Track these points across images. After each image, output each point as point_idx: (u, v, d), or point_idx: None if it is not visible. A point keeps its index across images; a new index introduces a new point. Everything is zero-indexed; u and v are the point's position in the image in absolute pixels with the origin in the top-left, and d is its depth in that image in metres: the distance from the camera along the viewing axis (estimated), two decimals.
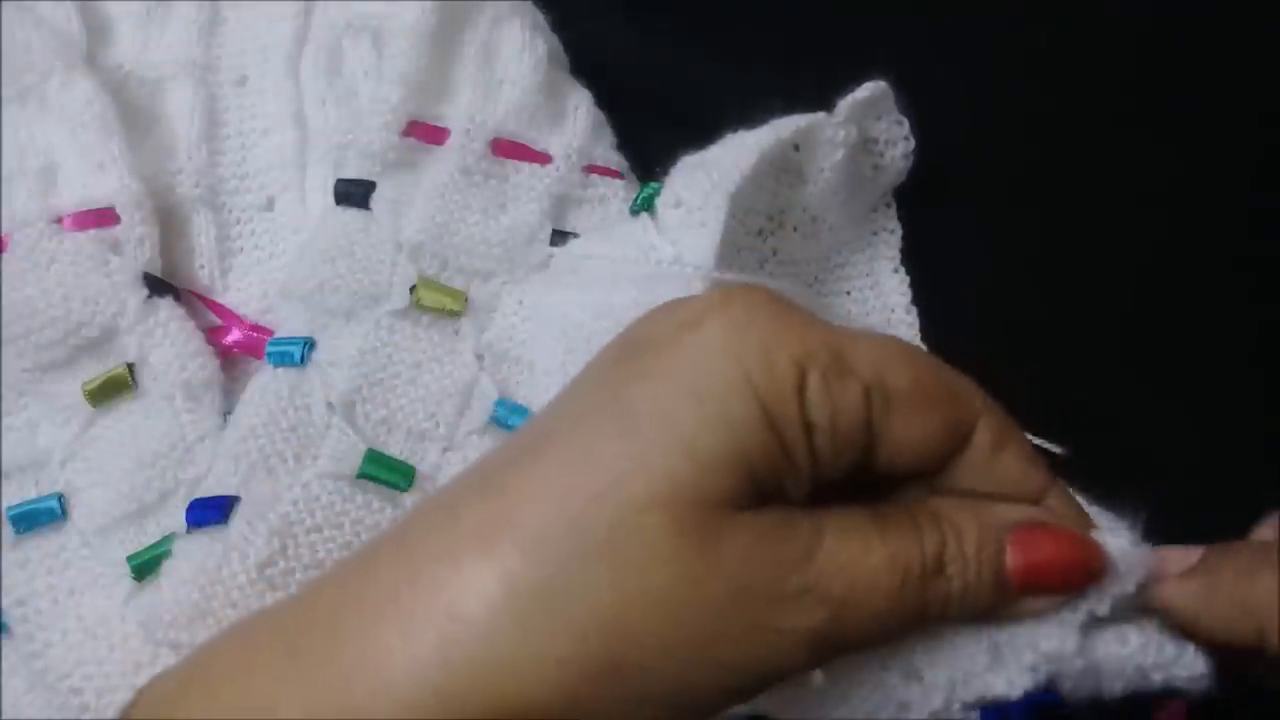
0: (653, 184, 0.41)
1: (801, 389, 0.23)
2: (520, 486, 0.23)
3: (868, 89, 0.41)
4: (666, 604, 0.22)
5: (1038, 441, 0.40)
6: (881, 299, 0.43)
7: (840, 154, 0.40)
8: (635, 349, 0.24)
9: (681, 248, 0.37)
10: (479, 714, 0.22)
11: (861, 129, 0.42)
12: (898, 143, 0.43)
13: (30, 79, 0.42)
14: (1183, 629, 0.25)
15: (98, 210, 0.40)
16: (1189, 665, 0.25)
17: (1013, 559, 0.25)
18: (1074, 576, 0.25)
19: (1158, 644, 0.25)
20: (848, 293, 0.43)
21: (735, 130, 0.40)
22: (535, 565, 0.22)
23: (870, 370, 0.24)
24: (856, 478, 0.26)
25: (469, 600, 0.22)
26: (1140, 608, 0.26)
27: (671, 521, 0.22)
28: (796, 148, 0.41)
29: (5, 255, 0.39)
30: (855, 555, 0.24)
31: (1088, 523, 0.26)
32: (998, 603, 0.25)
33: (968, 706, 0.26)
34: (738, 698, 0.24)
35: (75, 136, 0.41)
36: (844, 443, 0.24)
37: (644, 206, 0.40)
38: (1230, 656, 0.25)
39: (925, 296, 0.43)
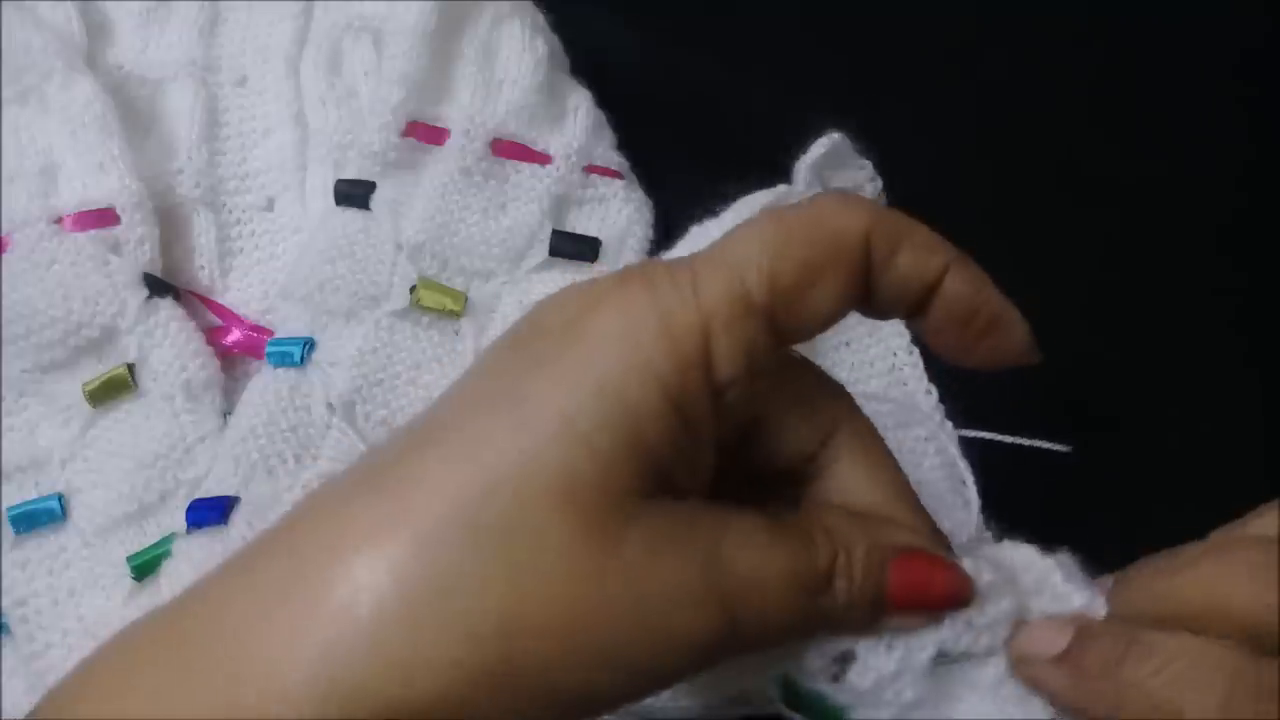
0: None
1: (707, 356, 0.23)
2: (413, 480, 0.22)
3: (822, 145, 0.40)
4: (564, 603, 0.22)
5: (1040, 443, 0.40)
6: (881, 344, 0.42)
7: None
8: (532, 335, 0.24)
9: None
10: (369, 717, 0.21)
11: (825, 184, 0.41)
12: (864, 186, 0.43)
13: (30, 79, 0.42)
14: (1055, 706, 0.26)
15: (98, 210, 0.40)
16: None
17: (894, 582, 0.25)
18: (943, 603, 0.26)
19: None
20: (847, 343, 0.41)
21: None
22: (428, 563, 0.22)
23: (765, 286, 0.23)
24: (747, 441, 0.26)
25: (358, 598, 0.21)
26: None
27: (570, 519, 0.22)
28: None
29: (5, 255, 0.39)
30: (754, 564, 0.24)
31: (982, 299, 0.25)
32: (872, 621, 0.26)
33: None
34: (632, 699, 0.24)
35: (75, 136, 0.41)
36: (760, 372, 0.24)
37: None
38: None
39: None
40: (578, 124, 0.43)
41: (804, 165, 0.40)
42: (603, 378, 0.22)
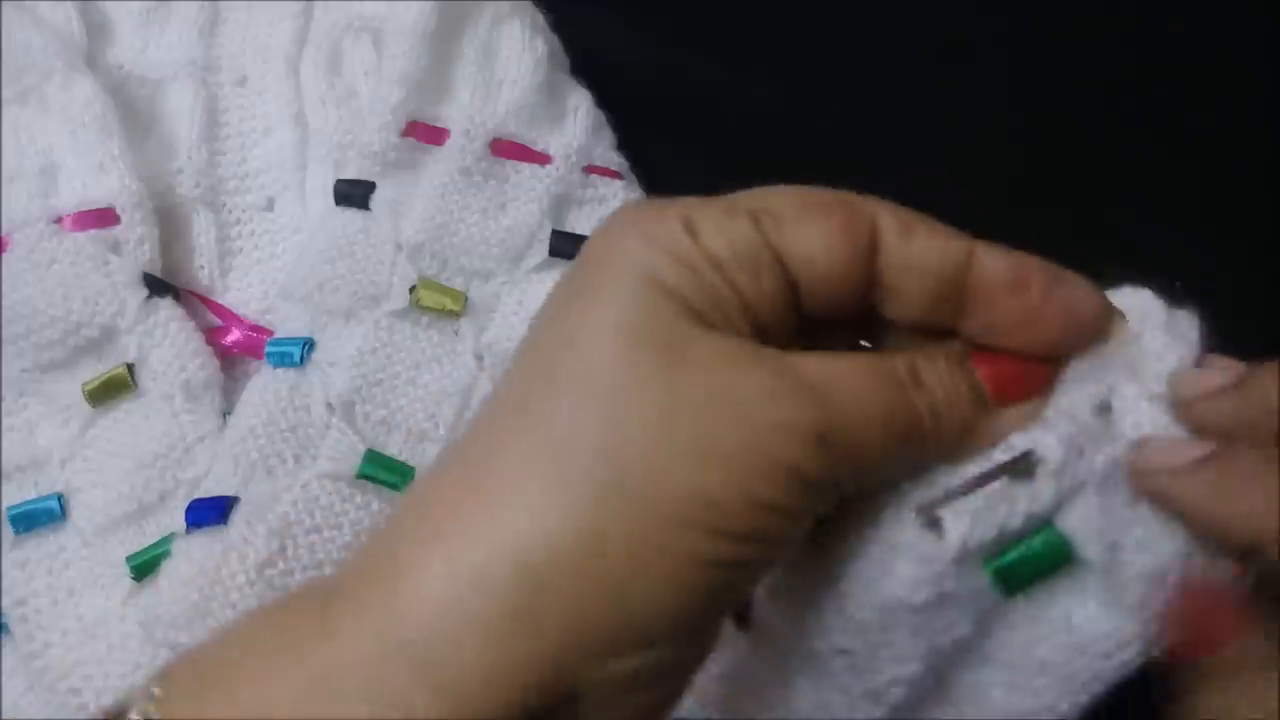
0: None
1: (694, 232, 0.25)
2: (489, 411, 0.25)
3: None
4: (650, 411, 0.23)
5: None
6: None
7: None
8: (564, 278, 0.26)
9: None
10: (511, 585, 0.22)
11: None
12: None
13: (30, 79, 0.42)
14: (1186, 521, 0.25)
15: (98, 210, 0.40)
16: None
17: (980, 369, 0.26)
18: (1037, 376, 0.26)
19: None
20: None
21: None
22: (523, 417, 0.23)
23: (753, 202, 0.25)
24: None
25: (506, 490, 0.23)
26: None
27: (632, 338, 0.23)
28: None
29: (5, 255, 0.39)
30: (831, 363, 0.24)
31: (1028, 262, 0.26)
32: (979, 414, 0.26)
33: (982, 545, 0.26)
34: (773, 510, 0.23)
35: (75, 136, 0.41)
36: (753, 266, 0.25)
37: None
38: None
39: None
40: (578, 124, 0.43)
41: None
42: (618, 254, 0.25)
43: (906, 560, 0.26)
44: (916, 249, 0.25)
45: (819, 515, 0.25)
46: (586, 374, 0.23)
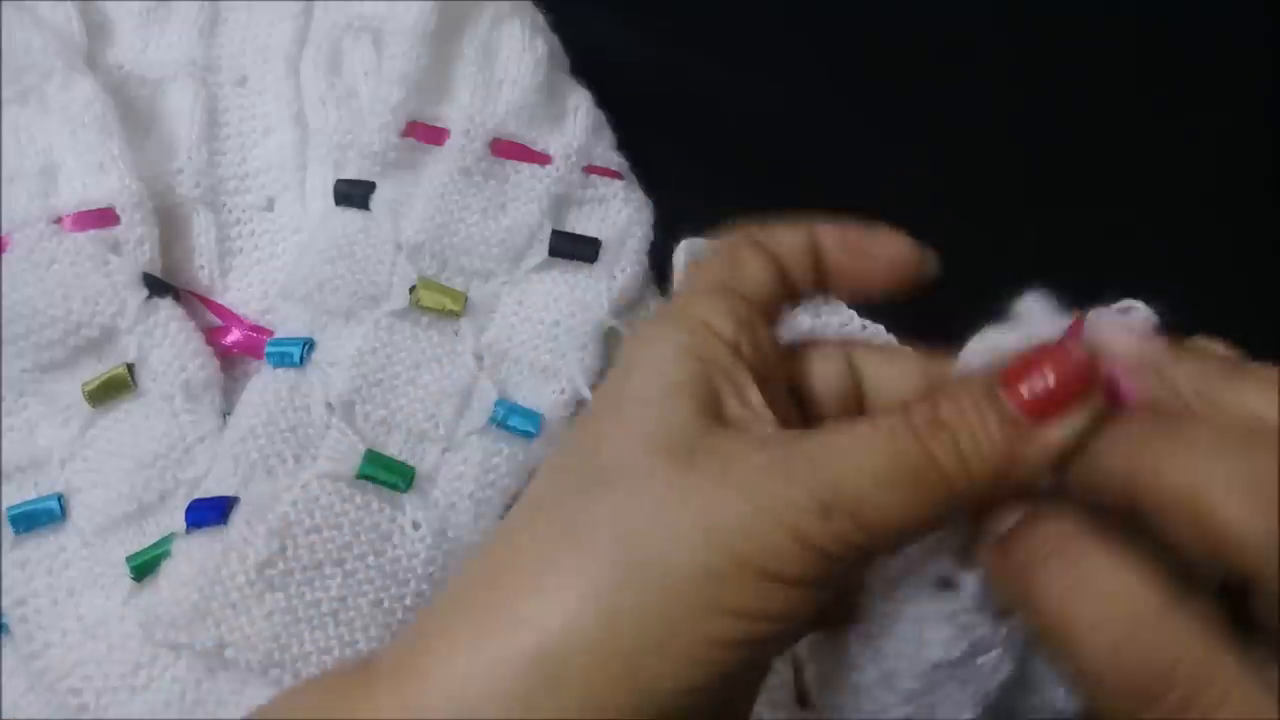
0: None
1: (713, 329, 0.27)
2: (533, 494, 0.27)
3: (683, 250, 0.40)
4: (659, 497, 0.24)
5: None
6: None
7: None
8: (599, 391, 0.28)
9: None
10: (529, 664, 0.23)
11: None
12: None
13: (30, 79, 0.42)
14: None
15: (98, 210, 0.40)
16: None
17: (1009, 393, 0.24)
18: (1076, 379, 0.23)
19: None
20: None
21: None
22: (543, 513, 0.25)
23: (714, 274, 0.28)
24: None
25: (518, 565, 0.24)
26: None
27: (649, 444, 0.25)
28: None
29: (5, 255, 0.39)
30: (836, 431, 0.24)
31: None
32: (1015, 440, 0.23)
33: None
34: (784, 584, 0.23)
35: (75, 136, 0.41)
36: (750, 326, 0.27)
37: None
38: None
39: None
40: (578, 124, 0.43)
41: (679, 272, 0.40)
42: (639, 365, 0.27)
43: (934, 624, 0.27)
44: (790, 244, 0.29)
45: (842, 582, 0.25)
46: (604, 473, 0.25)
